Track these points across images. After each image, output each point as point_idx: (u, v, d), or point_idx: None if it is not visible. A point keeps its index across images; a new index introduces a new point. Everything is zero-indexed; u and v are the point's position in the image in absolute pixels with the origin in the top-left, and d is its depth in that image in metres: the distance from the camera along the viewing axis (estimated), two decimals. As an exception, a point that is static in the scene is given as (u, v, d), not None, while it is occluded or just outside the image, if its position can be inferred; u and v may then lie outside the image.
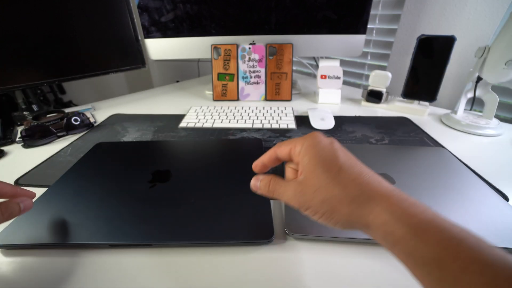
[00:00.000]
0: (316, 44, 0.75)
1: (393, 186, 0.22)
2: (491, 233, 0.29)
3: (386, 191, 0.21)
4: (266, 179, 0.27)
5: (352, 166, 0.22)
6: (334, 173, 0.22)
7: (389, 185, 0.22)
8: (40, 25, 0.61)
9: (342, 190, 0.21)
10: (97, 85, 1.44)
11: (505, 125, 0.58)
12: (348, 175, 0.22)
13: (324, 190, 0.22)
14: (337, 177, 0.22)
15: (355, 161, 0.23)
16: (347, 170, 0.22)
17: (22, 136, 0.53)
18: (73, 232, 0.30)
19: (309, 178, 0.23)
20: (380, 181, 0.22)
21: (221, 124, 0.60)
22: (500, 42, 0.50)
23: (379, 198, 0.20)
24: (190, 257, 0.28)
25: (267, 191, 0.26)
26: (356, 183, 0.21)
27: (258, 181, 0.27)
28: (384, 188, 0.21)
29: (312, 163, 0.23)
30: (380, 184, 0.21)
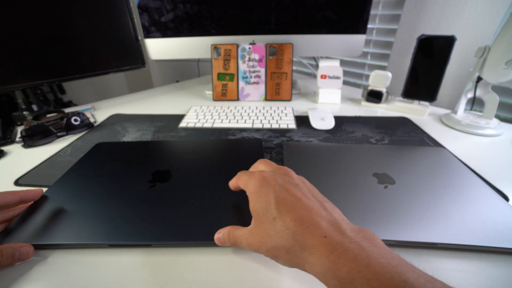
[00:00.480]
0: (316, 44, 0.75)
1: (331, 227, 0.21)
2: (491, 233, 0.28)
3: (318, 240, 0.20)
4: (225, 233, 0.27)
5: (289, 211, 0.22)
6: (271, 222, 0.23)
7: (325, 228, 0.21)
8: (40, 25, 0.61)
9: (278, 240, 0.22)
10: (97, 85, 1.44)
11: (505, 125, 0.58)
12: (282, 224, 0.22)
13: (265, 239, 0.23)
14: (274, 226, 0.23)
15: (296, 201, 0.23)
16: (281, 217, 0.22)
17: (22, 136, 0.53)
18: (73, 232, 0.30)
19: (254, 226, 0.25)
20: (315, 224, 0.21)
21: (221, 124, 0.60)
22: (500, 42, 0.50)
23: (310, 248, 0.20)
24: (190, 257, 0.28)
25: (230, 243, 0.27)
26: (289, 232, 0.21)
27: (220, 235, 0.28)
28: (317, 235, 0.20)
29: (254, 211, 0.25)
30: (314, 231, 0.21)
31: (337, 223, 0.21)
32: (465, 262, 0.27)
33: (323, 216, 0.22)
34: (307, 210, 0.22)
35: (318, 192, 0.26)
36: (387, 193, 0.35)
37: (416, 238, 0.28)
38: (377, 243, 0.20)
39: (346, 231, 0.20)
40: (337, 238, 0.20)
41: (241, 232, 0.26)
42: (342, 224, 0.21)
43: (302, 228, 0.21)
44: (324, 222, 0.21)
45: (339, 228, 0.21)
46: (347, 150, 0.46)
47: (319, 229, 0.21)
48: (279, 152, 0.49)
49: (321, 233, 0.20)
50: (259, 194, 0.25)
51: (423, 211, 0.32)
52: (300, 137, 0.55)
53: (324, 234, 0.20)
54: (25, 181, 0.42)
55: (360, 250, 0.19)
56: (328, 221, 0.21)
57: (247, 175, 0.28)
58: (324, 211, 0.23)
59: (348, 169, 0.40)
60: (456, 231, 0.29)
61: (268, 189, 0.24)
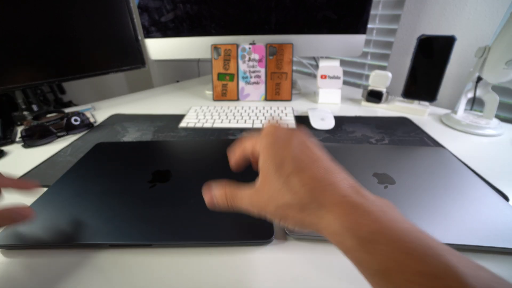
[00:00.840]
0: (316, 44, 0.75)
1: (350, 189, 0.20)
2: (491, 233, 0.28)
3: (338, 198, 0.19)
4: (221, 190, 0.25)
5: (305, 169, 0.21)
6: (284, 178, 0.21)
7: (345, 189, 0.20)
8: (40, 25, 0.61)
9: (292, 197, 0.21)
10: (97, 85, 1.44)
11: (505, 125, 0.58)
12: (299, 180, 0.21)
13: (276, 196, 0.21)
14: (288, 182, 0.21)
15: (312, 162, 0.22)
16: (298, 174, 0.21)
17: (22, 136, 0.53)
18: (73, 232, 0.30)
19: (263, 184, 0.23)
20: (335, 184, 0.20)
21: (221, 124, 0.60)
22: (500, 42, 0.50)
23: (330, 205, 0.19)
24: (190, 257, 0.28)
25: (226, 205, 0.25)
26: (306, 188, 0.20)
27: (212, 194, 0.25)
28: (337, 194, 0.19)
29: (265, 167, 0.23)
30: (334, 189, 0.20)
31: (357, 187, 0.20)
32: (465, 262, 0.27)
33: (342, 178, 0.21)
34: (326, 170, 0.21)
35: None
36: (387, 193, 0.35)
37: (416, 238, 0.28)
38: (396, 211, 0.19)
39: (366, 195, 0.20)
40: (358, 199, 0.19)
41: (242, 191, 0.24)
42: (361, 188, 0.20)
43: (321, 185, 0.20)
44: (344, 183, 0.20)
45: (359, 191, 0.20)
46: (347, 150, 0.46)
47: (339, 188, 0.20)
48: (279, 152, 0.49)
49: (342, 192, 0.19)
50: (273, 149, 0.23)
51: (423, 211, 0.32)
52: (300, 137, 0.55)
53: (345, 194, 0.19)
54: (25, 181, 0.42)
55: (382, 213, 0.18)
56: (348, 183, 0.20)
57: (255, 135, 0.26)
58: (342, 173, 0.22)
59: (348, 169, 0.39)
60: (456, 231, 0.29)
61: (284, 145, 0.23)
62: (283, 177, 0.21)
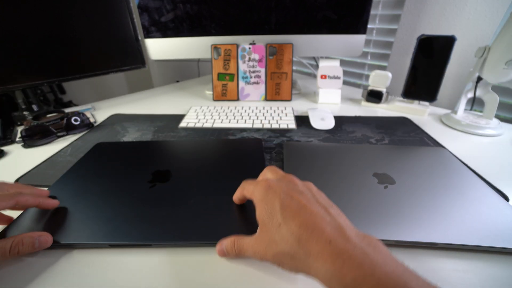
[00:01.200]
0: (316, 44, 0.75)
1: (335, 233, 0.21)
2: (491, 233, 0.28)
3: (322, 246, 0.20)
4: (229, 242, 0.27)
5: (293, 217, 0.22)
6: (276, 228, 0.23)
7: (330, 234, 0.21)
8: (40, 25, 0.61)
9: (284, 246, 0.22)
10: (97, 85, 1.44)
11: (505, 125, 0.58)
12: (288, 229, 0.22)
13: (271, 245, 0.23)
14: (279, 232, 0.23)
15: (299, 209, 0.23)
16: (287, 223, 0.22)
17: (22, 136, 0.53)
18: (73, 232, 0.30)
19: (260, 234, 0.25)
20: (320, 230, 0.21)
21: (221, 124, 0.60)
22: (500, 42, 0.50)
23: (316, 254, 0.20)
24: (190, 257, 0.28)
25: (235, 254, 0.27)
26: (294, 237, 0.21)
27: (223, 246, 0.27)
28: (322, 241, 0.20)
29: (260, 219, 0.25)
30: (319, 237, 0.21)
31: (342, 229, 0.21)
32: (465, 262, 0.27)
33: (327, 222, 0.22)
34: (312, 215, 0.22)
35: (324, 197, 0.26)
36: (387, 193, 0.35)
37: (416, 238, 0.28)
38: (381, 249, 0.20)
39: (351, 237, 0.20)
40: (342, 244, 0.20)
41: (246, 240, 0.26)
42: (346, 229, 0.21)
43: (307, 233, 0.21)
44: (329, 228, 0.21)
45: (343, 234, 0.21)
46: (347, 150, 0.46)
47: (323, 234, 0.21)
48: (279, 152, 0.49)
49: (326, 238, 0.20)
50: (265, 201, 0.25)
51: (423, 211, 0.32)
52: (300, 137, 0.55)
53: (329, 240, 0.20)
54: (25, 181, 0.42)
55: (365, 257, 0.19)
56: (333, 226, 0.21)
57: (252, 184, 0.29)
58: (329, 216, 0.23)
59: (348, 169, 0.40)
60: (456, 231, 0.29)
61: (274, 196, 0.25)
62: (275, 227, 0.23)
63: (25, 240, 0.27)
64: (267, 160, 0.46)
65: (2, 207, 0.28)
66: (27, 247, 0.27)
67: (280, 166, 0.44)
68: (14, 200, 0.29)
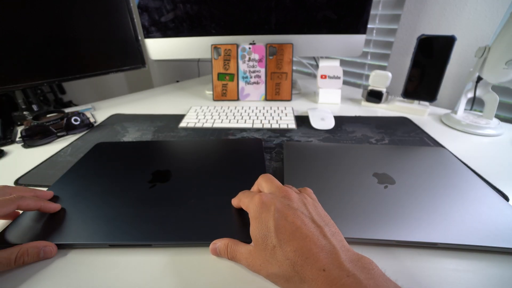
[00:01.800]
0: (316, 44, 0.75)
1: (328, 259, 0.21)
2: (491, 233, 0.28)
3: (316, 273, 0.20)
4: (223, 244, 0.27)
5: (287, 242, 0.22)
6: (270, 250, 0.23)
7: (323, 260, 0.21)
8: (40, 25, 0.61)
9: (278, 269, 0.22)
10: (97, 85, 1.44)
11: (505, 125, 0.58)
12: (282, 253, 0.22)
13: (265, 265, 0.24)
14: (274, 254, 0.23)
15: (293, 232, 0.23)
16: (281, 247, 0.23)
17: (22, 136, 0.53)
18: (73, 232, 0.30)
19: (255, 250, 0.25)
20: (314, 257, 0.21)
21: (221, 124, 0.60)
22: (500, 42, 0.50)
23: (309, 280, 0.20)
24: (190, 257, 0.28)
25: (228, 257, 0.27)
26: (289, 262, 0.22)
27: (216, 246, 0.28)
28: (316, 268, 0.20)
29: (254, 237, 0.25)
30: (313, 263, 0.21)
31: (336, 254, 0.21)
32: (465, 262, 0.27)
33: (322, 246, 0.22)
34: (306, 239, 0.22)
35: (320, 212, 0.26)
36: (387, 193, 0.35)
37: (416, 238, 0.28)
38: (374, 273, 0.20)
39: (344, 263, 0.21)
40: (335, 272, 0.20)
41: (241, 249, 0.26)
42: (340, 254, 0.21)
43: (301, 259, 0.21)
44: (323, 254, 0.21)
45: (337, 260, 0.21)
46: (347, 150, 0.46)
47: (317, 261, 0.21)
48: (279, 152, 0.49)
49: (320, 266, 0.21)
50: (259, 220, 0.25)
51: (423, 211, 0.32)
52: (300, 137, 0.55)
53: (323, 267, 0.20)
54: (25, 181, 0.42)
55: (358, 285, 0.19)
56: (327, 251, 0.22)
57: (247, 198, 0.28)
58: (324, 238, 0.23)
59: (348, 169, 0.40)
60: (456, 231, 0.29)
61: (268, 216, 0.25)
62: (269, 249, 0.23)
63: (30, 251, 0.27)
64: (267, 160, 0.46)
65: (2, 213, 0.28)
66: (32, 257, 0.27)
67: (280, 166, 0.44)
68: (15, 204, 0.29)
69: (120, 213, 0.32)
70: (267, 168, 0.43)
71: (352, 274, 0.20)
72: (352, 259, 0.22)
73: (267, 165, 0.44)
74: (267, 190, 0.29)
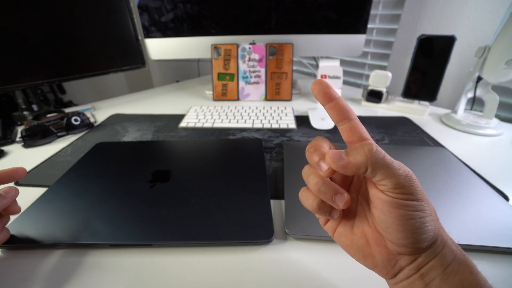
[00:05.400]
0: (316, 44, 0.74)
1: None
2: (491, 233, 0.28)
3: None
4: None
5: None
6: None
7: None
8: (40, 25, 0.61)
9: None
10: (97, 85, 1.44)
11: (505, 125, 0.58)
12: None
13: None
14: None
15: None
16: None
17: (22, 136, 0.53)
18: (73, 232, 0.30)
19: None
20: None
21: (221, 124, 0.60)
22: (500, 42, 0.50)
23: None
24: (190, 257, 0.28)
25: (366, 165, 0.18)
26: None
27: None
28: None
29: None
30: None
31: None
32: (465, 262, 0.27)
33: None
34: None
35: None
36: (387, 193, 0.35)
37: (416, 238, 0.28)
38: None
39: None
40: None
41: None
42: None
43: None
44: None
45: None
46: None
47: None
48: (279, 152, 0.49)
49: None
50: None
51: (423, 211, 0.32)
52: (300, 137, 0.55)
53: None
54: (25, 181, 0.42)
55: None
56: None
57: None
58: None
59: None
60: (456, 231, 0.29)
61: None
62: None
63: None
64: (267, 160, 0.46)
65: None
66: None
67: (280, 166, 0.44)
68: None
69: (120, 213, 0.32)
70: (267, 168, 0.43)
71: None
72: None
73: (267, 165, 0.44)
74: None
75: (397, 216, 0.17)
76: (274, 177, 0.41)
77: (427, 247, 0.18)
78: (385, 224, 0.18)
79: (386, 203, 0.18)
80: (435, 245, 0.18)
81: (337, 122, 0.21)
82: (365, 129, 0.21)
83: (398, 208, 0.17)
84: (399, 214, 0.17)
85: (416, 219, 0.17)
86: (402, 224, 0.17)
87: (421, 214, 0.17)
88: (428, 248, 0.18)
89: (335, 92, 0.21)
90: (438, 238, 0.18)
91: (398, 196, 0.17)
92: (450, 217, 0.31)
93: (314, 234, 0.30)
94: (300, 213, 0.32)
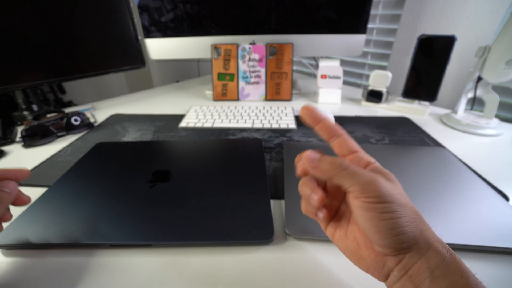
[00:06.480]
0: (316, 44, 0.74)
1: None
2: (491, 233, 0.28)
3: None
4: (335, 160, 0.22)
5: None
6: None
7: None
8: (40, 25, 0.61)
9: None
10: (97, 85, 1.44)
11: (505, 125, 0.58)
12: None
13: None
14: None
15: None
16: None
17: (22, 136, 0.53)
18: (73, 232, 0.30)
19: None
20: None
21: (221, 124, 0.60)
22: (500, 42, 0.50)
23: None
24: (190, 257, 0.28)
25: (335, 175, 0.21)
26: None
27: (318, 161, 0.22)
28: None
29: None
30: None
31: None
32: (465, 262, 0.27)
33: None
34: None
35: None
36: (387, 193, 0.35)
37: (416, 238, 0.28)
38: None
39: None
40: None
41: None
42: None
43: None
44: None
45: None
46: (347, 150, 0.46)
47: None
48: (279, 152, 0.49)
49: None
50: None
51: (422, 211, 0.31)
52: (300, 137, 0.55)
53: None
54: (25, 181, 0.42)
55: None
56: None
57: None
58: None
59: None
60: (456, 231, 0.29)
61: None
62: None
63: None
64: (267, 160, 0.46)
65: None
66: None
67: (280, 166, 0.44)
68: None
69: (120, 213, 0.32)
70: (267, 168, 0.43)
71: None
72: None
73: (267, 165, 0.44)
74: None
75: (368, 218, 0.19)
76: (274, 177, 0.41)
77: (408, 247, 0.18)
78: (363, 227, 0.20)
79: (358, 208, 0.19)
80: (418, 246, 0.18)
81: (328, 140, 0.25)
82: (354, 142, 0.25)
83: (367, 211, 0.19)
84: (369, 217, 0.19)
85: (387, 220, 0.18)
86: (375, 225, 0.19)
87: (391, 215, 0.18)
88: (410, 249, 0.19)
89: (321, 114, 0.24)
90: (420, 240, 0.18)
91: (366, 200, 0.19)
92: (450, 217, 0.31)
93: (314, 234, 0.30)
94: (300, 213, 0.32)
